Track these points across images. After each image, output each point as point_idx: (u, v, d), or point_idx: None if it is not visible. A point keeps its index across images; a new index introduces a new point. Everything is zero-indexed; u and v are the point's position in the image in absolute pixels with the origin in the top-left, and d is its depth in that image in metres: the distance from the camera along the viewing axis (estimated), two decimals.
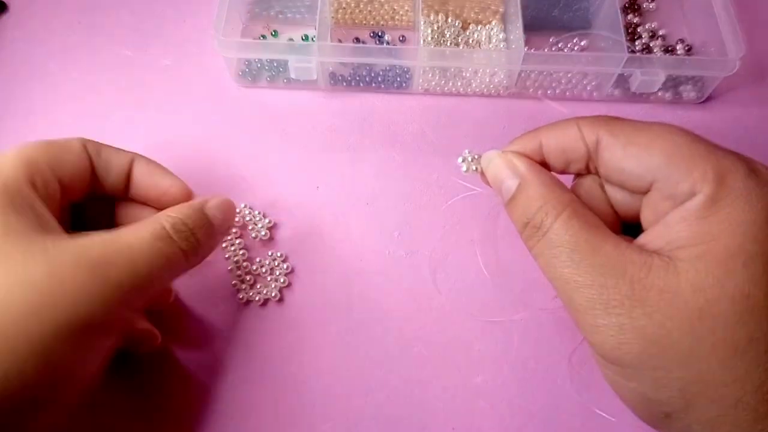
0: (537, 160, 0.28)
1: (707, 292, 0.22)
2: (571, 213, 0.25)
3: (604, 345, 0.23)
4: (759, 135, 0.44)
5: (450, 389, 0.35)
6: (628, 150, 0.25)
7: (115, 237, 0.26)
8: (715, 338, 0.22)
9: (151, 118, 0.43)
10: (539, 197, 0.26)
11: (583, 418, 0.34)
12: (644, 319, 0.22)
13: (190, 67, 0.45)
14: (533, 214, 0.26)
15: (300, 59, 0.41)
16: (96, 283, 0.24)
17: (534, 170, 0.27)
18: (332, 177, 0.41)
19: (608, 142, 0.26)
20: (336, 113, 0.44)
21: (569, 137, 0.27)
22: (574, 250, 0.24)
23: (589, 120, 0.27)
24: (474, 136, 0.43)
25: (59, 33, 0.47)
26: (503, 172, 0.28)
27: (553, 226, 0.25)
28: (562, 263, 0.24)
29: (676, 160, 0.24)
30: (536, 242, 0.26)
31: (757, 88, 0.46)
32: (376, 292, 0.37)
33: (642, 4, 0.49)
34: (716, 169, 0.23)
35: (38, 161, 0.27)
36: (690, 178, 0.23)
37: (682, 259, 0.23)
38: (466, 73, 0.44)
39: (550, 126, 0.28)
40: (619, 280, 0.23)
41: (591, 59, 0.41)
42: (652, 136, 0.25)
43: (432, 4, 0.46)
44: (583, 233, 0.24)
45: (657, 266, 0.23)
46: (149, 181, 0.32)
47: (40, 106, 0.43)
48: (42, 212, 0.26)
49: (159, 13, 0.48)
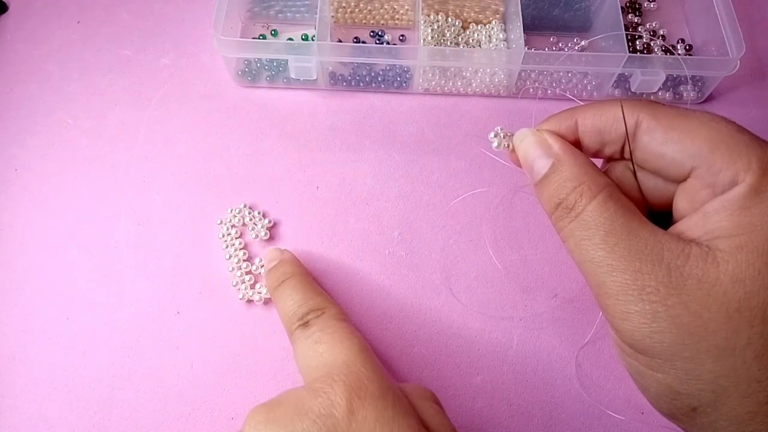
0: (571, 141, 0.27)
1: (747, 283, 0.21)
2: (608, 195, 0.25)
3: (635, 333, 0.23)
4: (759, 135, 0.43)
5: (450, 389, 0.35)
6: (670, 134, 0.25)
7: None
8: (752, 332, 0.21)
9: (150, 117, 0.43)
10: (574, 177, 0.25)
11: (582, 418, 0.34)
12: (680, 307, 0.22)
13: (190, 66, 0.45)
14: (567, 195, 0.25)
15: (300, 59, 0.41)
16: None
17: (569, 150, 0.27)
18: (332, 177, 0.41)
19: (649, 126, 0.25)
20: (336, 113, 0.44)
21: (608, 117, 0.26)
22: (610, 233, 0.24)
23: (630, 102, 0.26)
24: (474, 136, 0.43)
25: (59, 33, 0.47)
26: (536, 150, 0.27)
27: (588, 207, 0.24)
28: (596, 246, 0.24)
29: (721, 148, 0.23)
30: (567, 223, 0.25)
31: (758, 88, 0.45)
32: (376, 292, 0.37)
33: (642, 4, 0.48)
34: (761, 159, 0.23)
35: None
36: (733, 167, 0.23)
37: (722, 249, 0.22)
38: (466, 73, 0.44)
39: (589, 105, 0.28)
40: (656, 265, 0.22)
41: (591, 59, 0.41)
42: (695, 122, 0.24)
43: (432, 4, 0.46)
44: (620, 216, 0.24)
45: (696, 255, 0.22)
46: None
47: (39, 106, 0.43)
48: None
49: (158, 12, 0.48)
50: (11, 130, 0.43)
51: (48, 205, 0.40)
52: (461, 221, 0.39)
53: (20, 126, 0.43)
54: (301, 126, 0.43)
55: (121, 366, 0.35)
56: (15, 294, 0.37)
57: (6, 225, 0.39)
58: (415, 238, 0.39)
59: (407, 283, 0.38)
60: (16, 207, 0.40)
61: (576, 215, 0.25)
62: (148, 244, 0.39)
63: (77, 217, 0.39)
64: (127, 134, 0.42)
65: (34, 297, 0.37)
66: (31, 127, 0.43)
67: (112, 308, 0.37)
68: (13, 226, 0.39)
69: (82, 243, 0.39)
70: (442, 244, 0.39)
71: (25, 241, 0.39)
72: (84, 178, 0.41)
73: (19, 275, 0.38)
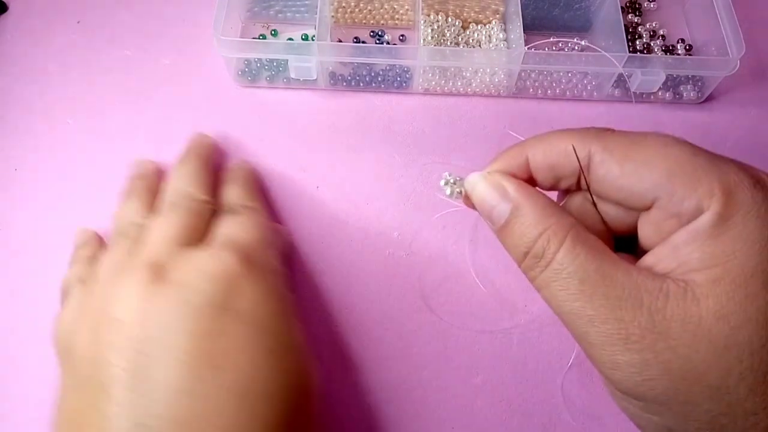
0: (524, 178, 0.26)
1: (730, 319, 0.21)
2: (575, 238, 0.23)
3: (626, 382, 0.22)
4: (759, 135, 0.44)
5: (450, 389, 0.35)
6: (625, 167, 0.23)
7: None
8: (743, 367, 0.21)
9: (150, 117, 0.43)
10: (537, 223, 0.24)
11: (583, 418, 0.34)
12: (669, 353, 0.21)
13: (190, 66, 0.45)
14: (532, 243, 0.24)
15: (300, 59, 0.41)
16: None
17: (526, 192, 0.25)
18: (332, 177, 0.41)
19: (602, 158, 0.24)
20: (336, 113, 0.44)
21: (558, 152, 0.25)
22: (584, 281, 0.22)
23: (579, 133, 0.25)
24: (474, 136, 0.43)
25: (59, 33, 0.47)
26: (491, 196, 0.26)
27: (557, 255, 0.23)
28: (572, 296, 0.23)
29: (679, 176, 0.22)
30: (539, 273, 0.24)
31: (758, 88, 0.45)
32: (376, 292, 0.37)
33: (642, 4, 0.48)
34: (722, 183, 0.22)
35: None
36: (695, 194, 0.22)
37: (698, 283, 0.21)
38: (466, 73, 0.44)
39: (536, 139, 0.26)
40: (637, 311, 0.21)
41: (591, 59, 0.41)
42: (649, 150, 0.23)
43: (432, 4, 0.46)
44: (591, 260, 0.23)
45: (674, 293, 0.21)
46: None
47: (39, 106, 0.43)
48: None
49: (158, 12, 0.48)
50: (11, 130, 0.43)
51: (48, 205, 0.40)
52: (461, 221, 0.39)
53: (20, 126, 0.43)
54: (301, 126, 0.43)
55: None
56: (15, 294, 0.37)
57: (6, 225, 0.39)
58: (415, 239, 0.39)
59: (407, 284, 0.38)
60: (16, 207, 0.40)
61: (546, 264, 0.23)
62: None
63: (77, 217, 0.39)
64: (127, 134, 0.42)
65: (34, 297, 0.37)
66: (31, 127, 0.43)
67: None
68: (13, 226, 0.39)
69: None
70: (442, 244, 0.39)
71: (25, 241, 0.39)
72: (84, 179, 0.41)
73: (19, 275, 0.38)
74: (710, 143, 0.43)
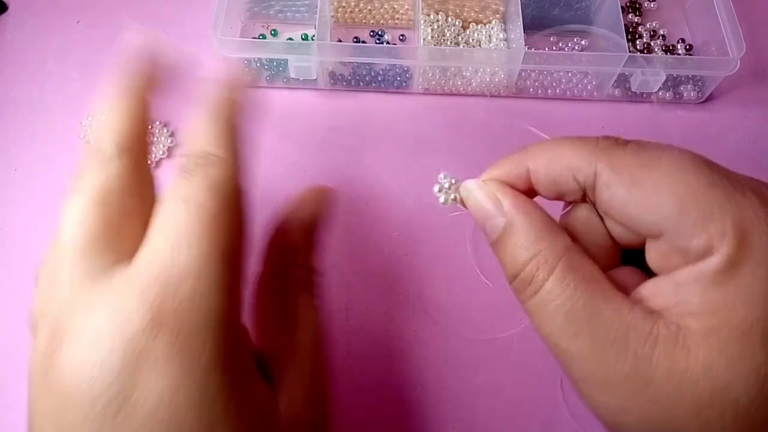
0: (524, 189, 0.25)
1: (719, 374, 0.19)
2: (566, 266, 0.22)
3: (604, 419, 0.22)
4: (759, 135, 0.44)
5: (450, 389, 0.35)
6: (633, 192, 0.22)
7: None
8: (724, 423, 0.20)
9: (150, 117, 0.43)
10: (529, 245, 0.23)
11: (583, 416, 0.34)
12: (649, 402, 0.20)
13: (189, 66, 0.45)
14: (522, 267, 0.23)
15: (299, 59, 0.41)
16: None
17: (521, 208, 0.23)
18: (332, 177, 0.41)
19: (609, 180, 0.22)
20: (336, 113, 0.44)
21: (561, 168, 0.23)
22: (570, 316, 0.21)
23: (585, 146, 0.23)
24: (474, 136, 0.43)
25: (58, 33, 0.46)
26: (486, 207, 0.24)
27: (546, 284, 0.22)
28: (558, 329, 0.22)
29: (691, 211, 0.20)
30: (527, 298, 0.23)
31: (758, 88, 0.45)
32: (375, 292, 0.37)
33: (643, 4, 0.48)
34: (736, 222, 0.20)
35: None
36: (706, 233, 0.20)
37: (692, 331, 0.20)
38: (467, 73, 0.44)
39: (539, 149, 0.24)
40: (621, 355, 0.20)
41: (591, 59, 0.41)
42: (661, 175, 0.21)
43: (432, 3, 0.46)
44: (581, 294, 0.21)
45: (664, 339, 0.20)
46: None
47: (39, 106, 0.43)
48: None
49: (158, 12, 0.48)
50: (11, 130, 0.42)
51: (48, 205, 0.40)
52: (462, 221, 0.39)
53: (20, 126, 0.43)
54: (301, 126, 0.43)
55: None
56: (15, 294, 0.37)
57: (6, 225, 0.39)
58: (415, 239, 0.39)
59: (407, 284, 0.38)
60: (16, 207, 0.40)
61: (534, 292, 0.22)
62: None
63: None
64: None
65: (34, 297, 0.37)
66: (31, 127, 0.43)
67: None
68: (12, 226, 0.39)
69: None
70: (442, 244, 0.39)
71: (24, 241, 0.39)
72: None
73: (18, 275, 0.38)
74: (710, 143, 0.43)
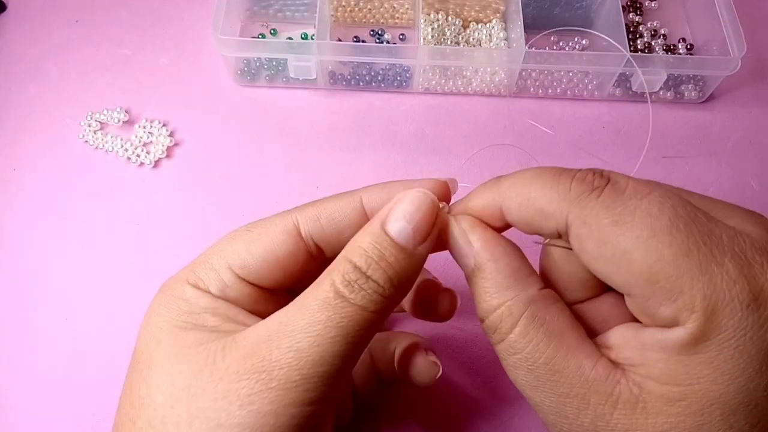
0: (499, 225, 0.24)
1: None
2: (530, 320, 0.22)
3: None
4: (760, 135, 0.43)
5: (450, 389, 0.35)
6: (601, 251, 0.21)
7: (279, 324, 0.22)
8: None
9: (149, 117, 0.43)
10: (495, 293, 0.22)
11: None
12: None
13: (189, 66, 0.45)
14: (488, 314, 0.22)
15: (299, 58, 0.41)
16: (261, 395, 0.20)
17: (490, 252, 0.23)
18: (332, 177, 0.41)
19: (579, 232, 0.21)
20: (335, 112, 0.43)
21: (534, 212, 0.22)
22: (532, 369, 0.21)
23: (558, 191, 0.22)
24: (474, 136, 0.43)
25: (57, 32, 0.46)
26: (458, 243, 0.24)
27: (510, 336, 0.22)
28: (521, 379, 0.22)
29: (659, 280, 0.19)
30: (494, 342, 0.23)
31: (759, 88, 0.45)
32: None
33: (643, 3, 0.48)
34: (707, 299, 0.19)
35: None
36: (674, 305, 0.19)
37: (653, 396, 0.20)
38: (467, 72, 0.44)
39: (511, 188, 0.23)
40: (582, 412, 0.21)
41: (592, 58, 0.41)
42: (632, 239, 0.20)
43: (432, 3, 0.45)
44: (543, 349, 0.21)
45: (624, 401, 0.20)
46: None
47: (38, 106, 0.43)
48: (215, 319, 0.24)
49: (157, 11, 0.47)
50: (10, 129, 0.42)
51: (47, 204, 0.40)
52: None
53: (19, 126, 0.43)
54: (300, 125, 0.43)
55: (120, 366, 0.35)
56: (15, 294, 0.37)
57: (5, 225, 0.39)
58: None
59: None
60: (16, 207, 0.40)
61: (500, 340, 0.22)
62: (147, 243, 0.39)
63: (76, 217, 0.39)
64: (126, 134, 0.42)
65: (34, 297, 0.37)
66: (31, 126, 0.43)
67: (111, 308, 0.37)
68: (12, 226, 0.39)
69: (82, 243, 0.39)
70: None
71: (24, 241, 0.39)
72: (83, 178, 0.41)
73: (18, 275, 0.38)
74: (711, 143, 0.43)
